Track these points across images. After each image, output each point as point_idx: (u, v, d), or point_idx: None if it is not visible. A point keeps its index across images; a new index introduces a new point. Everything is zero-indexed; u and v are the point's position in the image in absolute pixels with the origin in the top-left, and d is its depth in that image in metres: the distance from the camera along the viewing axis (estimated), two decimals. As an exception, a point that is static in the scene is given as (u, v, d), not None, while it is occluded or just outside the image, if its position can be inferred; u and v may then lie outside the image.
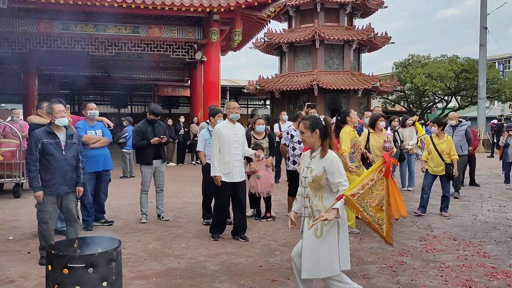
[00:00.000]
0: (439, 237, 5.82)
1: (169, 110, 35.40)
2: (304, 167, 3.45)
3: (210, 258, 4.93)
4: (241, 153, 5.76)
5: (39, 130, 4.68)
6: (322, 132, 3.38)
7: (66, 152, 4.67)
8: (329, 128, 3.41)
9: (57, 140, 4.63)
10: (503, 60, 39.02)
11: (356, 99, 22.45)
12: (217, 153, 5.59)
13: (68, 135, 4.75)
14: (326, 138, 3.37)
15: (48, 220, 4.64)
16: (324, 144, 3.37)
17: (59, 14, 12.26)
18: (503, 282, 4.14)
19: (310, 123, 3.40)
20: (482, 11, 22.46)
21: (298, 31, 23.02)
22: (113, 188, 6.83)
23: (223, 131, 5.61)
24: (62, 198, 4.73)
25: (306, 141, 3.44)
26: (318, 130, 3.37)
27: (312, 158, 3.42)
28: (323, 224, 3.22)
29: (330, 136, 3.39)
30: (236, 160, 5.64)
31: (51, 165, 4.57)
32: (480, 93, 22.78)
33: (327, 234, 3.24)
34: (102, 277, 3.00)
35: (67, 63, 19.21)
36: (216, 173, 5.56)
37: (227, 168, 5.59)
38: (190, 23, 13.27)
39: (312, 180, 3.32)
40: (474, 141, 10.71)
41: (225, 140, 5.58)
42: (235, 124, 5.75)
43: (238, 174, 5.66)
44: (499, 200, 8.55)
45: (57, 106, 4.66)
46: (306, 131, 3.41)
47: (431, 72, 27.46)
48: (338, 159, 3.33)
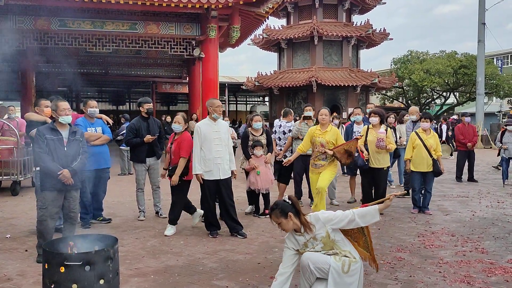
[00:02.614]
0: (437, 233, 5.82)
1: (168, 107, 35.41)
2: (301, 245, 3.40)
3: (208, 255, 4.93)
4: (224, 150, 5.66)
5: (43, 127, 4.71)
6: (294, 212, 3.35)
7: (68, 148, 4.66)
8: (297, 206, 3.38)
9: (59, 136, 4.63)
10: (501, 56, 39.02)
11: (354, 95, 22.45)
12: (199, 152, 5.57)
13: (71, 132, 4.74)
14: (300, 216, 3.36)
15: (47, 218, 4.61)
16: (302, 222, 3.35)
17: (56, 11, 12.21)
18: (501, 278, 4.15)
19: (280, 211, 3.35)
20: (480, 7, 22.43)
21: (297, 28, 22.99)
22: (111, 186, 6.82)
23: (203, 129, 5.59)
24: (65, 195, 4.70)
25: (285, 228, 3.39)
26: (291, 213, 3.33)
27: (302, 235, 3.39)
28: (351, 261, 3.25)
29: (301, 213, 3.37)
30: (218, 158, 5.58)
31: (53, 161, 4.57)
32: (479, 89, 22.77)
33: (353, 271, 3.25)
34: (99, 275, 3.00)
35: (65, 60, 19.14)
36: (197, 171, 5.55)
37: (208, 166, 5.55)
38: (188, 19, 13.22)
39: (324, 244, 3.34)
40: (473, 137, 10.74)
41: (206, 137, 5.55)
42: (216, 122, 5.68)
43: (220, 171, 5.61)
44: (498, 196, 8.55)
45: (62, 104, 4.67)
46: (280, 220, 3.36)
47: (430, 68, 27.46)
48: (320, 214, 3.39)
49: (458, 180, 10.57)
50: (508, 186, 9.76)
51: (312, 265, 3.30)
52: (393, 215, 6.91)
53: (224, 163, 5.64)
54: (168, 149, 6.10)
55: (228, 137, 5.79)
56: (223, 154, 5.63)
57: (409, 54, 30.89)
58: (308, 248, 3.39)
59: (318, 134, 6.20)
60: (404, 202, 7.87)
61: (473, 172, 10.72)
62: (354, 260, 3.27)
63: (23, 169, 8.73)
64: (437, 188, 9.34)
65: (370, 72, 23.28)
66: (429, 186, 7.11)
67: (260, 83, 23.01)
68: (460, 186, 9.91)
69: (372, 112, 7.19)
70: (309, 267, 3.32)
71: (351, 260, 3.25)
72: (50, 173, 4.55)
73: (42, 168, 4.65)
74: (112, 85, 29.98)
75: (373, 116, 7.09)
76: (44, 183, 4.64)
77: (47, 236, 4.65)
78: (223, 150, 5.65)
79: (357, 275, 3.27)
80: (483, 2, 22.32)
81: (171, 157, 5.94)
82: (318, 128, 6.28)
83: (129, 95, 34.13)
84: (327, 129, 6.19)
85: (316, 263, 3.31)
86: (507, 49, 39.90)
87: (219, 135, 5.62)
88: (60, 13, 12.26)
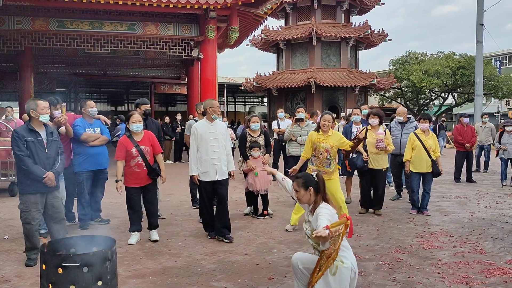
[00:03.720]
0: (436, 234, 5.82)
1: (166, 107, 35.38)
2: (306, 220, 3.49)
3: (206, 256, 4.92)
4: (221, 151, 5.56)
5: (20, 128, 4.64)
6: (315, 189, 3.40)
7: (49, 150, 4.65)
8: (322, 184, 3.43)
9: (39, 138, 4.59)
10: (499, 56, 39.08)
11: (353, 96, 22.47)
12: (195, 152, 5.53)
13: (49, 133, 4.70)
14: (319, 194, 3.40)
15: (31, 221, 4.59)
16: (316, 200, 3.39)
17: (55, 11, 12.21)
18: (499, 279, 4.14)
19: (303, 182, 3.43)
20: (478, 8, 22.45)
21: (295, 28, 23.00)
22: (109, 187, 6.78)
23: (199, 130, 5.53)
24: (47, 196, 4.67)
25: (301, 199, 3.46)
26: (311, 188, 3.40)
27: (309, 213, 3.45)
28: (338, 264, 3.22)
29: (324, 191, 3.41)
30: (214, 159, 5.50)
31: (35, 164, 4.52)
32: (477, 89, 22.79)
33: (341, 273, 3.23)
34: (97, 277, 2.98)
35: (63, 60, 19.13)
36: (193, 172, 5.51)
37: (204, 167, 5.49)
38: (186, 20, 13.22)
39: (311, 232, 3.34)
40: (472, 137, 10.74)
41: (202, 138, 5.50)
42: (212, 122, 5.61)
43: (216, 172, 5.51)
44: (496, 197, 8.55)
45: (41, 102, 4.65)
46: (300, 190, 3.43)
47: (428, 69, 27.48)
48: (326, 209, 3.32)
49: (457, 181, 10.57)
50: (506, 187, 9.77)
51: (301, 265, 3.37)
52: (392, 215, 6.91)
53: (221, 164, 5.55)
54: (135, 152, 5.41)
55: (225, 138, 5.69)
56: (220, 155, 5.55)
57: (407, 55, 30.91)
58: (305, 225, 3.49)
59: (321, 139, 5.97)
60: (403, 203, 7.87)
61: (471, 173, 10.72)
62: (342, 263, 3.25)
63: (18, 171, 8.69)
64: (435, 188, 9.35)
65: (369, 73, 23.30)
66: (428, 187, 7.10)
67: (258, 84, 23.00)
68: (459, 187, 9.91)
69: (372, 113, 7.18)
70: (298, 266, 3.38)
71: (338, 263, 3.23)
72: (34, 177, 4.49)
73: (23, 171, 4.54)
74: (110, 85, 29.97)
75: (372, 118, 7.08)
76: (25, 186, 4.58)
77: (32, 239, 4.64)
78: (220, 151, 5.56)
79: (345, 277, 3.24)
80: (481, 3, 22.35)
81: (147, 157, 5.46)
82: (320, 133, 6.02)
83: (128, 95, 34.08)
84: (329, 134, 6.01)
85: (305, 263, 3.37)
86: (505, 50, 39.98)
87: (216, 136, 5.54)
88: (59, 13, 12.25)
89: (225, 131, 5.71)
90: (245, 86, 24.98)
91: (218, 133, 5.58)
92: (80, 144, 6.17)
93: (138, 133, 5.50)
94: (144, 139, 5.50)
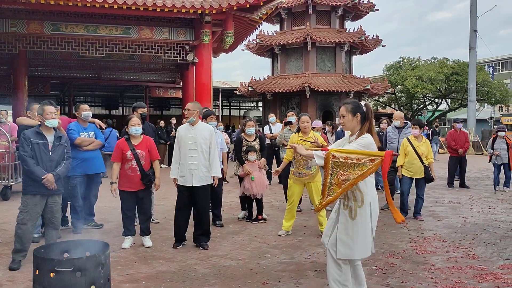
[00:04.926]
0: (429, 239, 5.85)
1: (161, 111, 35.28)
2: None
3: (200, 261, 4.91)
4: (200, 156, 5.36)
5: (29, 131, 4.73)
6: (362, 117, 3.42)
7: (53, 153, 4.69)
8: (370, 114, 3.44)
9: (44, 141, 4.66)
10: (492, 62, 39.42)
11: (347, 101, 22.53)
12: (177, 155, 5.45)
13: (57, 137, 4.77)
14: (366, 123, 3.41)
15: (27, 222, 4.60)
16: (362, 128, 3.41)
17: (50, 15, 12.16)
18: (492, 284, 4.17)
19: (352, 107, 3.44)
20: (472, 14, 22.68)
21: (290, 33, 23.08)
22: (103, 191, 6.77)
23: (181, 133, 5.47)
24: (47, 199, 4.70)
25: (346, 124, 3.47)
26: (359, 115, 3.41)
27: (349, 142, 3.47)
28: (357, 206, 3.28)
29: (371, 121, 3.42)
30: (192, 164, 5.33)
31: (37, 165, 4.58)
32: (470, 95, 22.99)
33: (360, 216, 3.30)
34: (90, 281, 2.97)
35: (58, 64, 19.06)
36: (172, 175, 5.46)
37: (182, 171, 5.40)
38: (181, 24, 13.22)
39: None
40: (465, 143, 10.82)
41: (182, 141, 5.42)
42: (193, 126, 5.45)
43: (193, 178, 5.34)
44: (489, 202, 8.61)
45: (48, 107, 4.71)
46: (347, 115, 3.44)
47: (422, 74, 27.67)
48: (370, 140, 3.34)
49: (450, 186, 10.63)
50: (499, 192, 9.83)
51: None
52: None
53: (198, 170, 5.35)
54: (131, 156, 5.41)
55: (210, 143, 5.44)
56: (198, 160, 5.35)
57: (401, 61, 31.12)
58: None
59: (301, 141, 5.85)
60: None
61: (464, 178, 10.79)
62: (360, 204, 3.31)
63: (14, 174, 8.66)
64: (429, 194, 9.39)
65: (363, 78, 23.39)
66: (421, 192, 7.13)
67: (253, 88, 23.03)
68: (452, 192, 9.97)
69: None
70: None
71: (357, 205, 3.28)
72: (34, 177, 4.55)
73: (26, 171, 4.65)
74: (105, 89, 29.85)
75: None
76: (27, 187, 4.64)
77: (25, 241, 4.63)
78: (199, 156, 5.36)
79: (365, 218, 3.32)
80: (475, 10, 22.58)
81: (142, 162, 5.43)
82: (300, 135, 6.08)
83: (122, 99, 33.96)
84: (309, 135, 6.01)
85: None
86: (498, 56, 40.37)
87: (195, 140, 5.37)
88: (53, 17, 12.22)
89: (209, 135, 5.45)
90: (240, 91, 25.00)
91: (198, 137, 5.39)
92: (74, 148, 6.13)
93: (137, 136, 5.48)
94: (142, 143, 5.48)
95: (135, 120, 5.47)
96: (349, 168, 3.18)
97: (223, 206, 7.01)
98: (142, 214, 5.56)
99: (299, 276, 4.40)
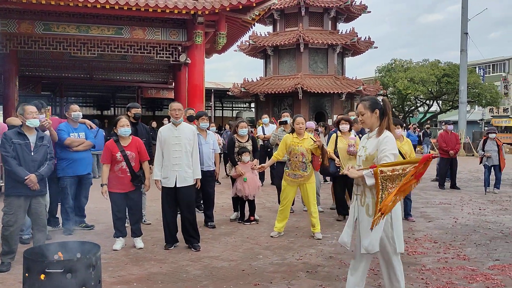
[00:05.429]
0: (420, 240, 5.88)
1: (153, 112, 35.15)
2: (361, 147, 3.56)
3: (192, 262, 4.90)
4: (184, 157, 5.35)
5: (10, 131, 4.73)
6: (381, 112, 3.44)
7: (35, 153, 4.66)
8: (388, 109, 3.47)
9: (26, 141, 4.63)
10: (483, 65, 39.75)
11: (339, 102, 22.62)
12: (160, 157, 5.39)
13: (39, 137, 4.73)
14: (384, 118, 3.43)
15: (13, 224, 4.57)
16: (382, 124, 3.43)
17: (41, 14, 12.08)
18: (482, 285, 4.20)
19: (370, 104, 3.46)
20: (463, 17, 22.85)
21: (283, 35, 23.12)
22: (93, 192, 6.73)
23: (163, 134, 5.41)
24: (31, 201, 4.65)
25: (366, 121, 3.49)
26: (378, 111, 3.44)
27: (369, 138, 3.50)
28: (375, 203, 3.29)
29: (389, 116, 3.44)
30: (176, 164, 5.31)
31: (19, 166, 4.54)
32: (461, 97, 23.15)
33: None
34: (80, 283, 2.94)
35: (49, 64, 18.92)
36: (155, 177, 5.39)
37: (165, 172, 5.35)
38: (174, 25, 13.18)
39: (366, 158, 3.42)
40: (456, 144, 10.89)
41: (165, 143, 5.36)
42: (177, 127, 5.44)
43: (177, 179, 5.32)
44: (479, 203, 8.67)
45: (29, 107, 4.69)
46: (366, 112, 3.46)
47: (413, 76, 27.84)
48: (393, 138, 3.38)
49: (441, 187, 10.70)
50: (489, 193, 9.91)
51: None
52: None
53: (182, 171, 5.34)
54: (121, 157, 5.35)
55: (193, 144, 5.47)
56: (182, 161, 5.34)
57: (393, 63, 31.29)
58: (358, 153, 3.58)
59: (297, 142, 5.97)
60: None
61: (455, 180, 10.86)
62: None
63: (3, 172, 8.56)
64: (420, 195, 9.45)
65: (355, 80, 23.49)
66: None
67: (246, 89, 23.04)
68: (443, 193, 10.03)
69: (343, 119, 7.24)
70: None
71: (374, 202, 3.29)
72: (17, 178, 4.51)
73: (8, 172, 4.60)
74: (96, 90, 29.69)
75: (343, 124, 7.13)
76: (10, 188, 4.60)
77: (12, 243, 4.61)
78: (183, 157, 5.35)
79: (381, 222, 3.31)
80: (466, 12, 22.75)
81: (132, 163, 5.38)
82: (294, 136, 6.04)
83: (114, 100, 33.80)
84: (304, 137, 6.02)
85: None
86: (489, 58, 40.71)
87: (180, 141, 5.34)
88: (45, 17, 12.13)
89: (192, 136, 5.48)
90: (232, 92, 24.99)
91: (182, 138, 5.38)
92: (64, 149, 6.11)
93: (126, 137, 5.43)
94: (131, 144, 5.44)
95: (123, 121, 5.42)
96: (396, 179, 3.21)
97: (215, 207, 7.00)
98: (133, 215, 5.54)
99: (291, 277, 4.41)
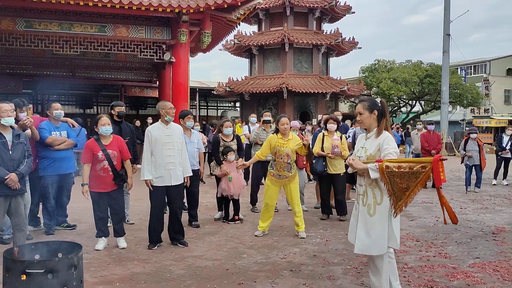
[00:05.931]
0: (402, 238, 5.94)
1: (137, 111, 34.85)
2: (359, 147, 3.57)
3: (176, 262, 4.87)
4: (177, 155, 5.40)
5: None
6: (379, 113, 3.48)
7: (13, 152, 4.57)
8: (386, 110, 3.52)
9: (3, 140, 4.53)
10: (465, 66, 40.35)
11: (324, 102, 22.74)
12: (149, 156, 5.35)
13: (15, 135, 4.64)
14: (383, 119, 3.47)
15: None
16: (381, 124, 3.47)
17: (22, 11, 11.89)
18: (462, 282, 4.27)
19: (369, 104, 3.50)
20: (445, 19, 23.16)
21: (268, 34, 23.15)
22: (76, 191, 6.64)
23: (154, 133, 5.37)
24: (11, 200, 4.57)
25: (364, 121, 3.53)
26: (376, 111, 3.48)
27: (367, 138, 3.53)
28: (376, 203, 3.35)
29: (387, 117, 3.49)
30: (170, 163, 5.33)
31: None
32: (443, 97, 23.47)
33: (379, 213, 3.37)
34: (62, 283, 2.91)
35: (31, 61, 18.63)
36: (145, 177, 5.32)
37: (159, 171, 5.32)
38: (158, 23, 13.09)
39: (367, 159, 3.43)
40: (438, 144, 11.03)
41: (157, 142, 5.34)
42: (168, 125, 5.44)
43: (172, 178, 5.35)
44: (460, 202, 8.81)
45: (3, 105, 4.58)
46: (364, 112, 3.50)
47: (397, 77, 28.15)
48: (392, 138, 3.43)
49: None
50: (470, 192, 10.08)
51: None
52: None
53: (176, 169, 5.39)
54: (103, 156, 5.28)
55: (182, 142, 5.53)
56: (175, 159, 5.37)
57: (376, 63, 31.58)
58: (357, 154, 3.58)
59: (282, 143, 5.93)
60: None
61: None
62: (379, 202, 3.37)
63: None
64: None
65: (340, 80, 23.64)
66: None
67: (231, 88, 23.00)
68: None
69: (331, 118, 7.22)
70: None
71: (376, 202, 3.34)
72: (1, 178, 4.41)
73: None
74: (79, 88, 29.26)
75: (331, 123, 7.11)
76: None
77: None
78: (176, 155, 5.39)
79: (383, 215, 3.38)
80: (448, 14, 23.06)
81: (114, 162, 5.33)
82: (279, 137, 6.03)
83: (97, 98, 33.40)
84: (289, 138, 6.00)
85: None
86: (470, 59, 41.38)
87: (172, 139, 5.37)
88: (26, 13, 11.94)
89: (180, 135, 5.55)
90: (217, 91, 24.92)
91: (173, 136, 5.40)
92: (45, 148, 6.02)
93: (107, 136, 5.37)
94: (113, 143, 5.39)
95: (105, 120, 5.37)
96: (404, 176, 3.25)
97: (199, 207, 6.98)
98: (115, 214, 5.49)
99: (275, 276, 4.42)
